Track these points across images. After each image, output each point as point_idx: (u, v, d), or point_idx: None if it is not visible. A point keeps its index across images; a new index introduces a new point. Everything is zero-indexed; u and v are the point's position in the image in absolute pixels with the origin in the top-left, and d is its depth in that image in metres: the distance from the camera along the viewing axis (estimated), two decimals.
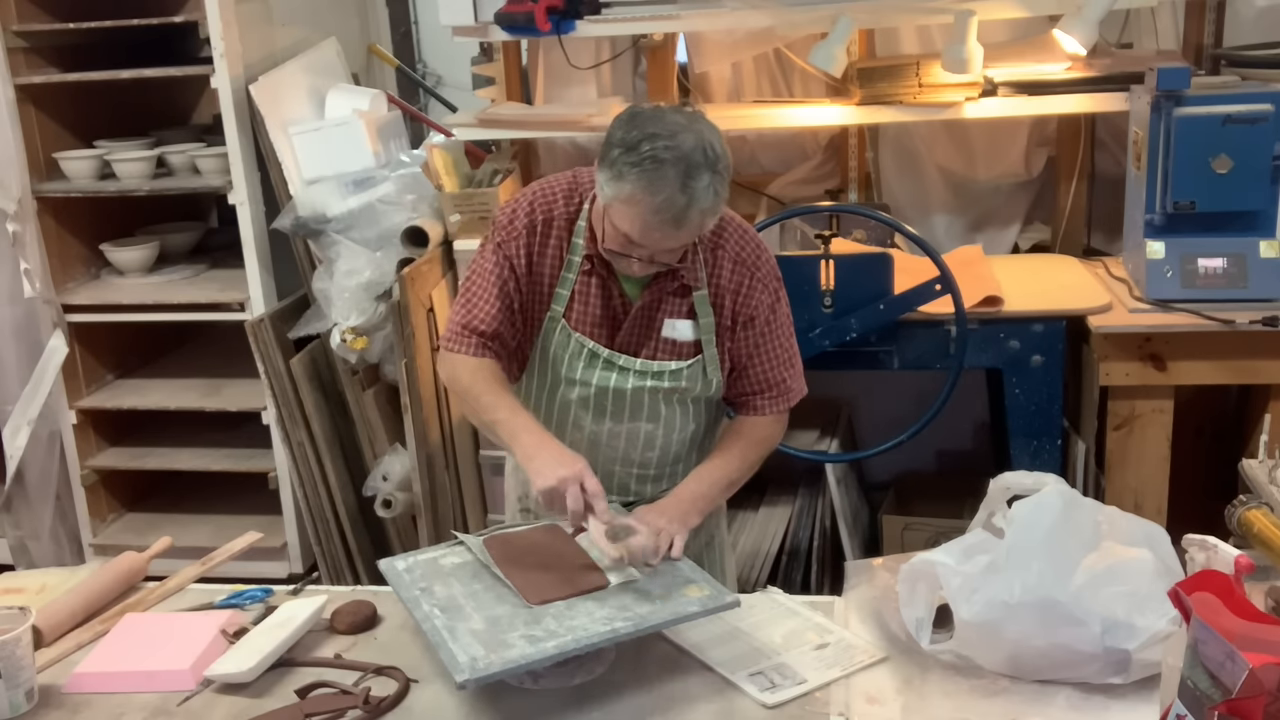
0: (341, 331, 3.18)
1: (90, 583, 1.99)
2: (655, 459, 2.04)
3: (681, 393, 1.98)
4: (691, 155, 1.71)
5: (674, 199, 1.71)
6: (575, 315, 1.95)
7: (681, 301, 1.94)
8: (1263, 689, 1.17)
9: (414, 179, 3.29)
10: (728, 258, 1.95)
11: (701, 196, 1.72)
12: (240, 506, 3.63)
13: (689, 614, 1.64)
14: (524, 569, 1.75)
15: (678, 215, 1.73)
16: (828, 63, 3.13)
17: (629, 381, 1.96)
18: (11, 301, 3.47)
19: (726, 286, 1.94)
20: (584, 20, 3.22)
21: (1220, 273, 2.79)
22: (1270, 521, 1.77)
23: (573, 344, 1.96)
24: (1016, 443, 2.95)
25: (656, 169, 1.71)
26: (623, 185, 1.74)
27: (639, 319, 1.95)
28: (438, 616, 1.67)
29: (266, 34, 3.46)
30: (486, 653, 1.56)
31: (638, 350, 1.96)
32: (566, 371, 1.97)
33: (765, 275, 1.96)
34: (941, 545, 1.69)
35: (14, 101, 3.35)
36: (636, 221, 1.75)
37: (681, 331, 1.95)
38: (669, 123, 1.74)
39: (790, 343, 2.03)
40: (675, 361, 1.96)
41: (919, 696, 1.61)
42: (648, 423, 2.00)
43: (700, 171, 1.72)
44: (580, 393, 1.98)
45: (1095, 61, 3.16)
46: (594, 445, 2.01)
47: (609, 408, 1.98)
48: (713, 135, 1.76)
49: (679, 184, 1.71)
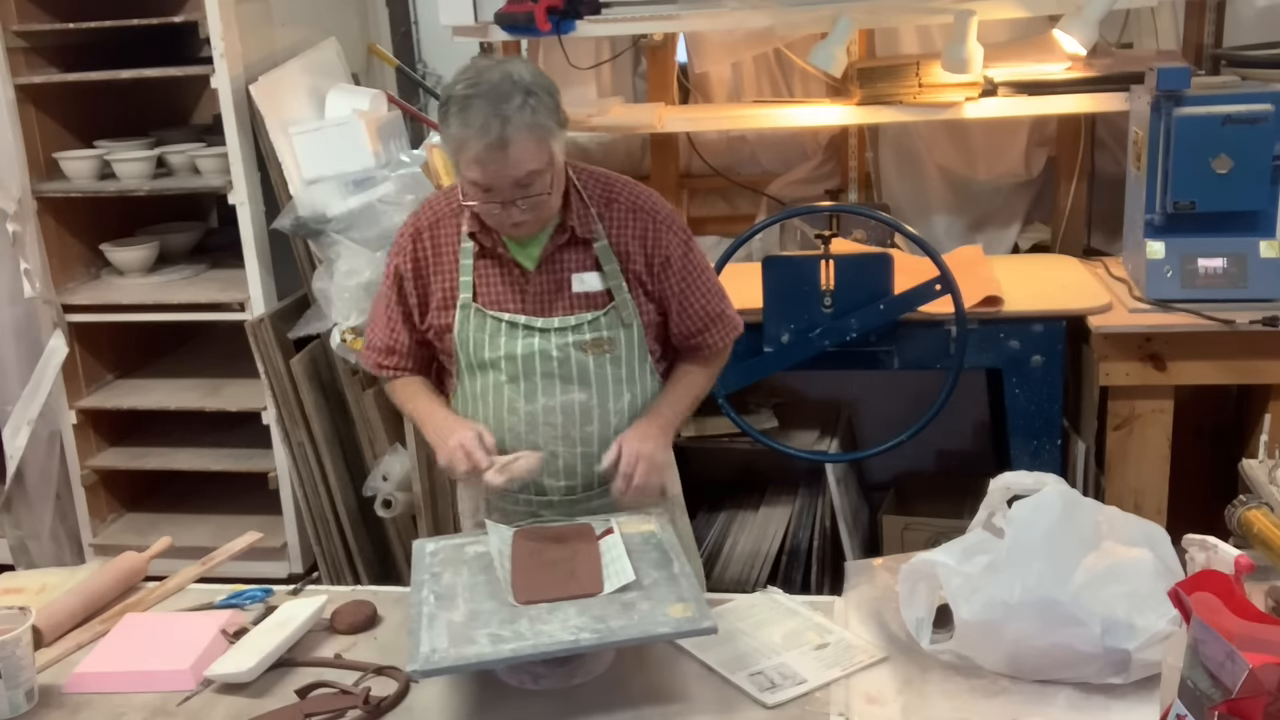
0: (341, 331, 3.18)
1: (90, 583, 1.99)
2: (596, 434, 2.04)
3: (607, 344, 2.02)
4: (498, 85, 1.83)
5: (489, 125, 1.80)
6: (483, 297, 2.02)
7: (583, 256, 2.02)
8: (1263, 689, 1.17)
9: (414, 179, 3.29)
10: (623, 208, 2.03)
11: (516, 116, 1.81)
12: (240, 506, 3.63)
13: (658, 634, 1.61)
14: (532, 565, 1.75)
15: (500, 138, 1.81)
16: (828, 63, 3.13)
17: (551, 341, 2.00)
18: (11, 301, 3.47)
19: (631, 234, 2.02)
20: (584, 20, 3.22)
21: (1220, 273, 2.79)
22: (1270, 521, 1.77)
23: (489, 323, 2.01)
24: (1016, 443, 2.95)
25: (467, 105, 1.82)
26: (447, 133, 1.86)
27: (543, 282, 2.01)
28: (429, 603, 1.68)
29: (266, 34, 3.46)
30: (449, 646, 1.57)
31: (550, 311, 2.01)
32: (490, 352, 2.02)
33: (667, 217, 2.05)
34: (941, 545, 1.69)
35: (14, 101, 3.35)
36: (473, 162, 1.84)
37: (590, 283, 2.02)
38: (475, 69, 1.88)
39: (713, 278, 2.13)
40: (591, 312, 2.01)
41: (919, 696, 1.61)
42: (580, 391, 2.02)
43: (510, 95, 1.82)
44: (509, 370, 2.01)
45: (1095, 61, 3.16)
46: (532, 427, 2.03)
47: (539, 379, 2.01)
48: (522, 68, 1.88)
49: (490, 110, 1.81)
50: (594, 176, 2.05)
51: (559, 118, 1.89)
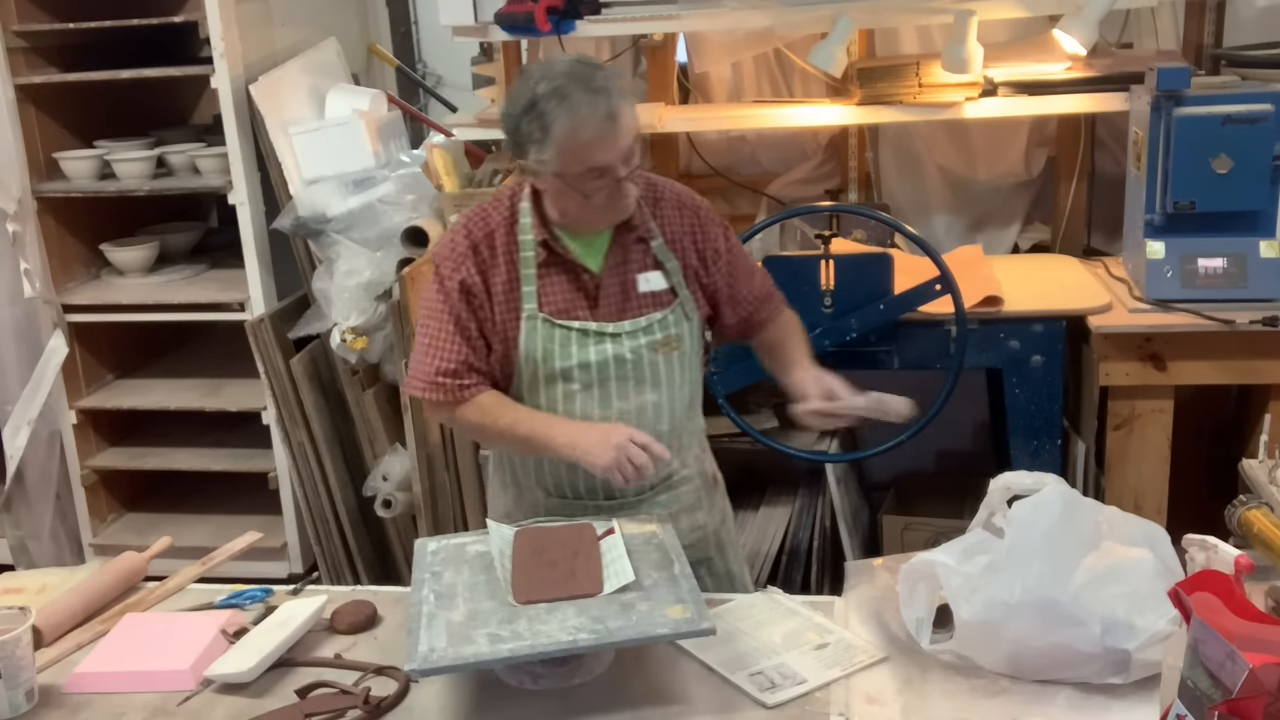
0: (341, 331, 3.18)
1: (90, 583, 1.99)
2: (666, 433, 2.02)
3: (676, 342, 2.02)
4: (573, 69, 1.85)
5: (595, 102, 1.82)
6: (549, 306, 1.98)
7: (644, 256, 2.02)
8: (1263, 689, 1.17)
9: (414, 179, 3.29)
10: (669, 205, 2.05)
11: (609, 86, 1.84)
12: (240, 506, 3.63)
13: (656, 635, 1.60)
14: (532, 565, 1.75)
15: (609, 111, 1.83)
16: (828, 63, 3.13)
17: (625, 346, 1.98)
18: (11, 301, 3.47)
19: (681, 230, 2.05)
20: (584, 20, 3.22)
21: (1220, 273, 2.79)
22: (1270, 521, 1.77)
23: (558, 333, 1.97)
24: (1016, 443, 2.95)
25: (565, 94, 1.82)
26: (551, 135, 1.83)
27: (613, 285, 2.00)
28: (428, 603, 1.68)
29: (266, 34, 3.46)
30: (447, 645, 1.57)
31: (622, 314, 2.00)
32: (561, 362, 1.97)
33: (707, 212, 2.09)
34: (941, 545, 1.69)
35: (14, 101, 3.36)
36: (589, 144, 1.84)
37: (655, 282, 2.02)
38: (538, 70, 1.89)
39: (751, 258, 2.20)
40: (659, 311, 2.01)
41: (919, 696, 1.61)
42: (652, 392, 2.01)
43: (590, 74, 1.84)
44: (582, 378, 1.98)
45: (1095, 61, 3.16)
46: None
47: (613, 384, 1.99)
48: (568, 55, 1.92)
49: (586, 89, 1.82)
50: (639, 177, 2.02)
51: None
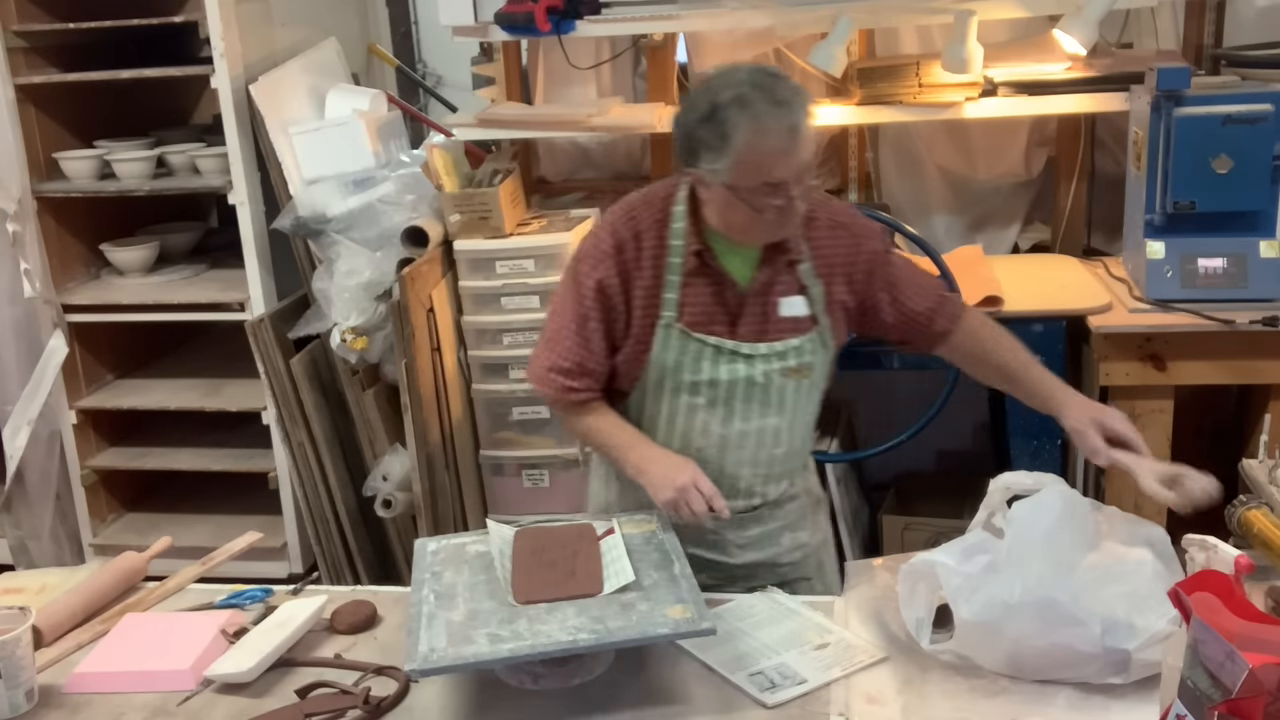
0: (341, 331, 3.18)
1: (90, 583, 1.99)
2: (782, 456, 2.02)
3: (808, 370, 1.98)
4: (755, 78, 1.76)
5: (779, 114, 1.74)
6: (689, 316, 1.93)
7: (790, 278, 1.95)
8: (1263, 689, 1.17)
9: (414, 179, 3.29)
10: (823, 225, 1.97)
11: (792, 99, 1.76)
12: (240, 506, 3.63)
13: (656, 635, 1.60)
14: (532, 565, 1.75)
15: (792, 124, 1.75)
16: (828, 63, 3.13)
17: (756, 368, 1.94)
18: (11, 301, 3.47)
19: (833, 251, 1.96)
20: (584, 20, 3.22)
21: (1220, 273, 2.79)
22: (1270, 521, 1.77)
23: (693, 345, 1.93)
24: (1016, 443, 2.95)
25: (747, 102, 1.74)
26: (731, 141, 1.76)
27: (754, 304, 1.94)
28: (428, 602, 1.68)
29: (266, 34, 3.46)
30: (447, 645, 1.57)
31: (761, 336, 1.94)
32: (690, 375, 1.94)
33: (864, 229, 2.00)
34: (941, 545, 1.69)
35: (14, 101, 3.35)
36: (772, 155, 1.76)
37: (796, 307, 1.95)
38: (719, 78, 1.80)
39: (921, 271, 2.08)
40: (798, 337, 1.95)
41: (919, 696, 1.61)
42: (775, 416, 1.98)
43: (773, 84, 1.76)
44: (708, 395, 1.95)
45: (1095, 61, 3.16)
46: (722, 450, 1.99)
47: (737, 405, 1.96)
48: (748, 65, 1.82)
49: (769, 99, 1.74)
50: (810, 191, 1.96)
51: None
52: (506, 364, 3.23)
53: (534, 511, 3.23)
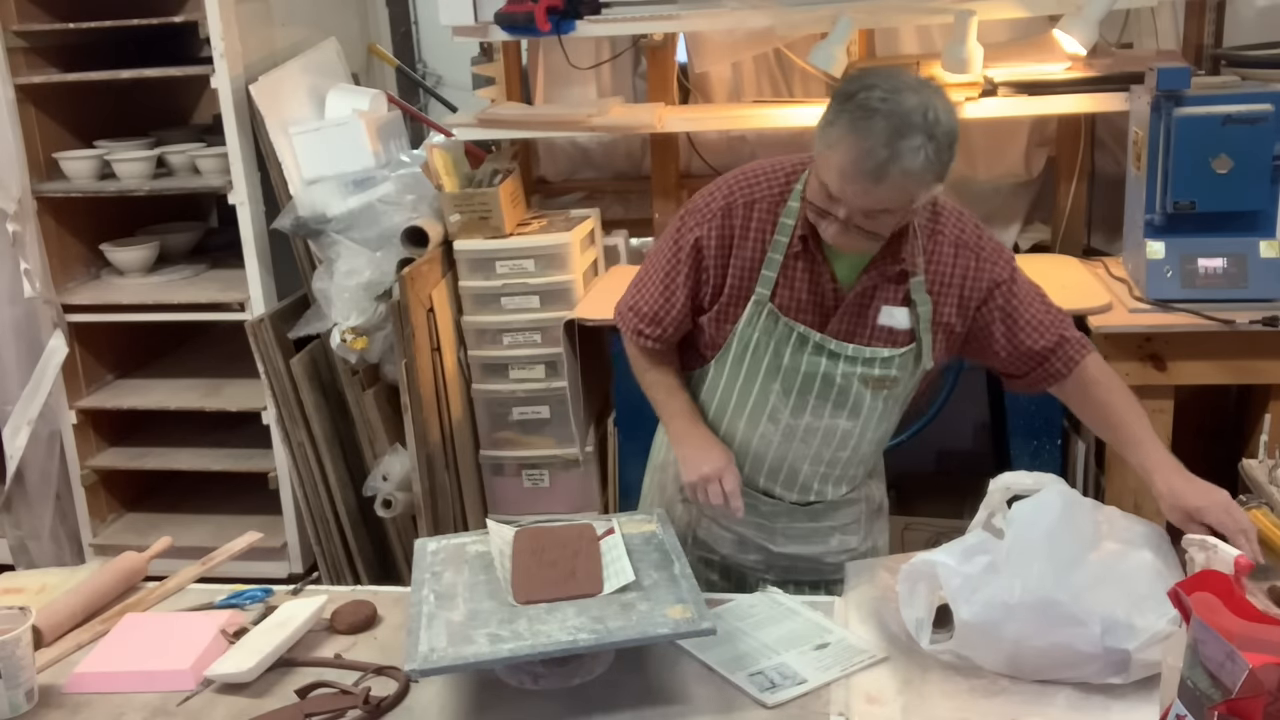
0: (341, 331, 3.18)
1: (90, 583, 1.99)
2: (845, 459, 2.00)
3: (890, 383, 1.93)
4: (910, 114, 1.66)
5: (876, 150, 1.65)
6: (782, 299, 1.89)
7: (897, 289, 1.89)
8: (1263, 689, 1.17)
9: (414, 179, 3.29)
10: (947, 242, 1.90)
11: (907, 155, 1.65)
12: (240, 506, 3.63)
13: (656, 635, 1.60)
14: (532, 565, 1.75)
15: (877, 168, 1.66)
16: (828, 63, 3.13)
17: (839, 368, 1.90)
18: (11, 301, 3.47)
19: (950, 272, 1.90)
20: (584, 20, 3.22)
21: (1220, 273, 2.79)
22: (1270, 521, 1.77)
23: (780, 328, 1.90)
24: (1016, 443, 2.95)
25: (866, 117, 1.66)
26: (830, 130, 1.70)
27: (852, 306, 1.89)
28: (428, 602, 1.68)
29: (266, 34, 3.46)
30: (447, 645, 1.57)
31: (851, 337, 1.90)
32: (771, 358, 1.91)
33: (991, 252, 1.92)
34: (941, 545, 1.69)
35: (14, 101, 3.35)
36: (836, 169, 1.70)
37: (898, 319, 1.89)
38: (895, 80, 1.70)
39: (1049, 305, 1.95)
40: (889, 349, 1.90)
41: (919, 696, 1.61)
42: (848, 419, 1.95)
43: (913, 131, 1.65)
44: (785, 382, 1.92)
45: (1095, 61, 3.16)
46: (787, 439, 1.97)
47: (812, 399, 1.93)
48: (941, 103, 1.69)
49: (885, 136, 1.65)
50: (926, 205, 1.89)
51: (943, 171, 1.73)
52: (506, 364, 3.23)
53: (534, 511, 3.24)
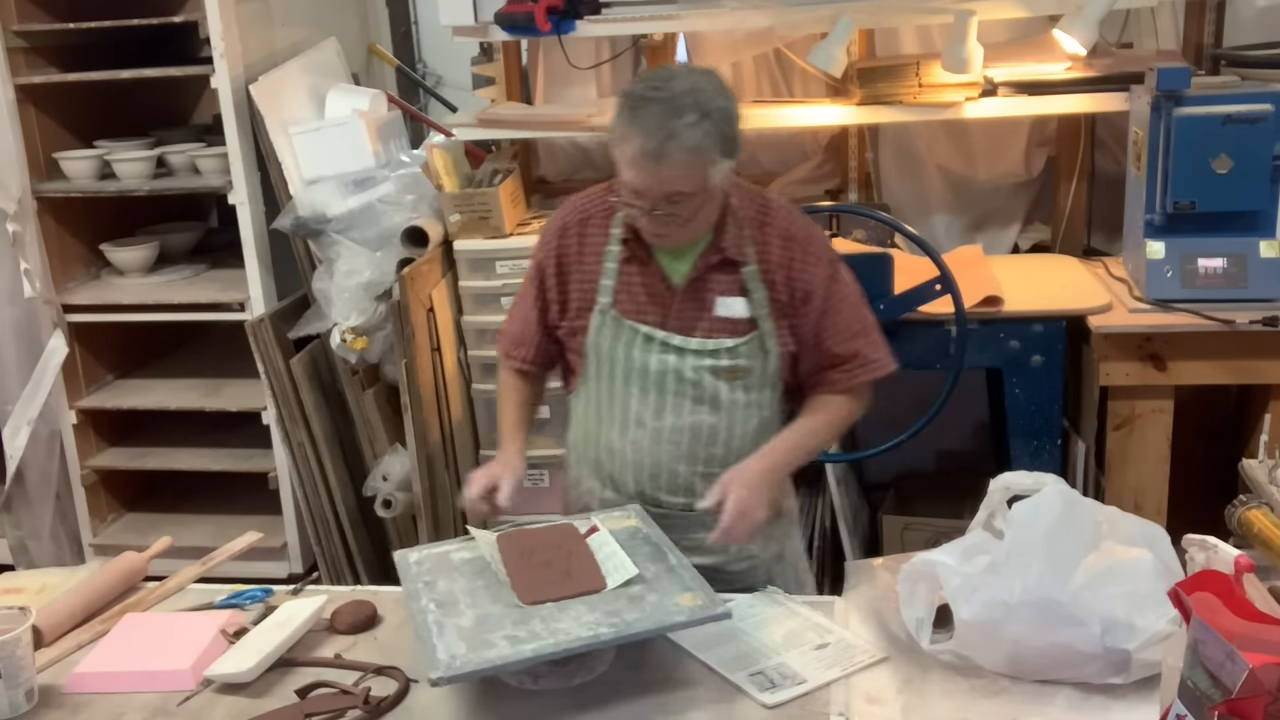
0: (341, 331, 3.18)
1: (90, 583, 1.99)
2: (719, 456, 2.01)
3: (742, 373, 1.97)
4: (679, 96, 1.78)
5: (653, 133, 1.77)
6: (622, 303, 1.98)
7: (730, 279, 1.96)
8: (1263, 689, 1.17)
9: (414, 179, 3.29)
10: (775, 234, 1.97)
11: (683, 133, 1.77)
12: (240, 506, 3.63)
13: (675, 623, 1.61)
14: (525, 567, 1.75)
15: (658, 149, 1.77)
16: (828, 63, 3.13)
17: (686, 362, 1.96)
18: (11, 301, 3.47)
19: (778, 262, 1.96)
20: (584, 20, 3.22)
21: (1220, 273, 2.79)
22: (1270, 521, 1.77)
23: (625, 330, 1.98)
24: (1016, 443, 2.95)
25: (641, 107, 1.79)
26: (615, 129, 1.83)
27: (687, 300, 1.97)
28: (431, 611, 1.68)
29: (266, 34, 3.46)
30: (467, 651, 1.56)
31: (691, 331, 1.97)
32: (624, 362, 1.98)
33: (817, 250, 1.99)
34: (941, 545, 1.69)
35: (14, 101, 3.35)
36: (627, 162, 1.82)
37: (735, 309, 1.96)
38: (665, 72, 1.87)
39: (859, 315, 2.02)
40: (732, 339, 1.96)
41: (919, 696, 1.61)
42: (710, 414, 1.99)
43: (685, 111, 1.77)
44: (640, 384, 1.98)
45: (1095, 61, 3.16)
46: (657, 442, 2.00)
47: (669, 397, 1.98)
48: (711, 84, 1.83)
49: (660, 119, 1.77)
50: (753, 199, 2.00)
51: (729, 147, 1.84)
52: None
53: (534, 512, 3.22)
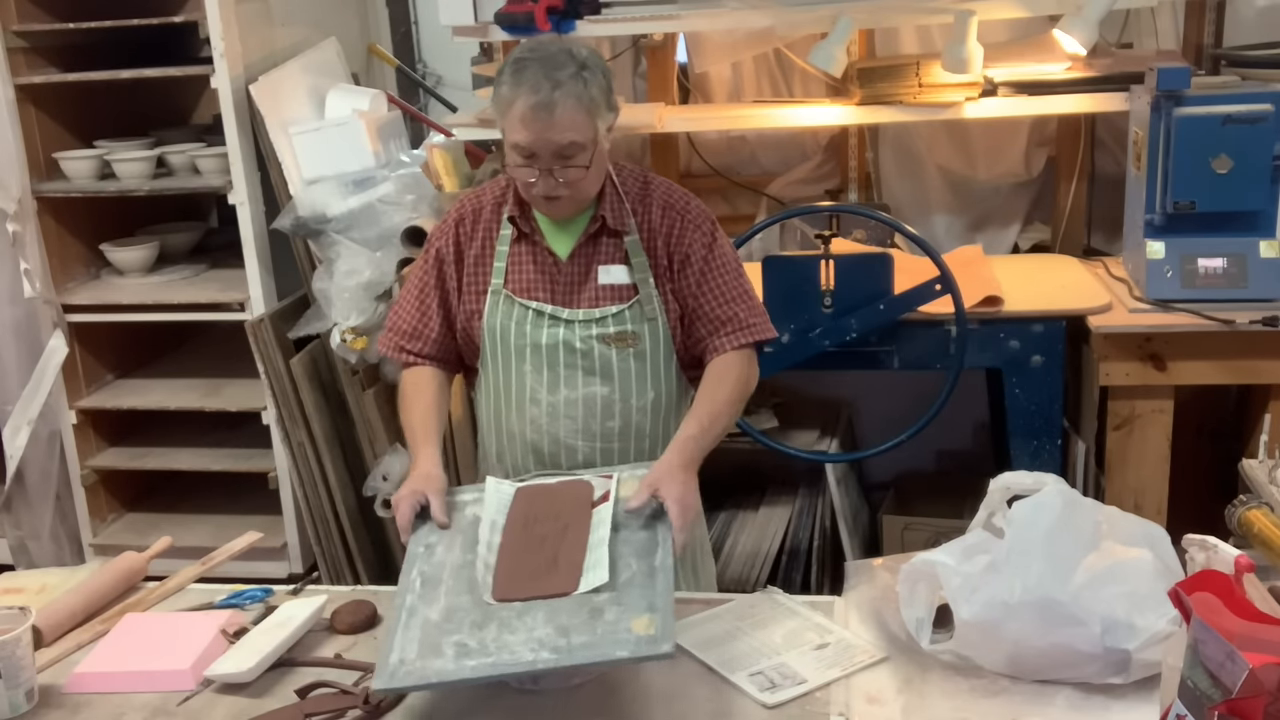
0: (341, 331, 3.18)
1: (90, 583, 1.99)
2: (617, 429, 2.04)
3: (631, 339, 2.02)
4: (556, 55, 1.89)
5: (539, 86, 1.85)
6: (514, 283, 2.05)
7: (613, 249, 2.04)
8: (1263, 689, 1.17)
9: (414, 179, 3.29)
10: (656, 204, 2.06)
11: (567, 83, 1.86)
12: (240, 506, 3.63)
13: (615, 658, 1.55)
14: (516, 545, 1.74)
15: (547, 101, 1.85)
16: (828, 63, 3.13)
17: (575, 333, 2.01)
18: (11, 301, 3.47)
19: (658, 230, 2.04)
20: (584, 20, 3.22)
21: (1220, 273, 2.79)
22: (1270, 521, 1.77)
23: (516, 309, 2.04)
24: (1016, 443, 2.95)
25: (522, 69, 1.88)
26: (500, 95, 1.90)
27: (573, 272, 2.03)
28: (413, 590, 1.70)
29: (266, 34, 3.46)
30: (417, 656, 1.57)
31: (576, 302, 2.03)
32: (516, 339, 2.03)
33: (695, 217, 2.06)
34: (941, 545, 1.69)
35: (14, 101, 3.35)
36: (518, 122, 1.88)
37: (616, 276, 2.03)
38: (538, 41, 1.97)
39: (738, 281, 2.07)
40: (616, 305, 2.02)
41: (919, 696, 1.61)
42: (603, 385, 2.03)
43: (564, 64, 1.88)
44: (533, 360, 2.03)
45: (1095, 61, 3.16)
46: (553, 418, 2.04)
47: (561, 370, 2.02)
48: (582, 47, 1.94)
49: (542, 74, 1.86)
50: (633, 174, 2.09)
51: (609, 100, 1.93)
52: None
53: None
